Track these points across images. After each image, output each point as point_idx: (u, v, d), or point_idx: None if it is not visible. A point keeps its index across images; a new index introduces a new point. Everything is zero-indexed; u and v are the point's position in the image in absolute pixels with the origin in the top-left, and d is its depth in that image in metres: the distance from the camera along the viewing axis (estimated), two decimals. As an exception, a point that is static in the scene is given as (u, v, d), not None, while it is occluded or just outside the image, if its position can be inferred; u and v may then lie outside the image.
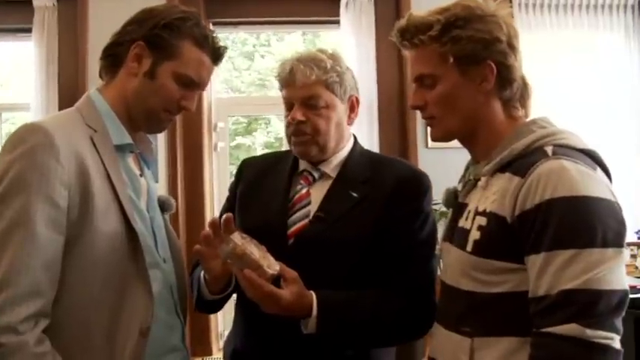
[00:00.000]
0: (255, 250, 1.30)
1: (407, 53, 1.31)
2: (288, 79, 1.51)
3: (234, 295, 1.55)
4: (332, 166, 1.55)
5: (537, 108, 1.31)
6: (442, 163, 2.60)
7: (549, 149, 1.14)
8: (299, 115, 1.49)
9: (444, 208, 1.47)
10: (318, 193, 1.53)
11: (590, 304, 1.02)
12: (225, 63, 1.44)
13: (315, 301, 1.35)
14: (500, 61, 1.22)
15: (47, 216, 1.15)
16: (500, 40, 1.21)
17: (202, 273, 1.47)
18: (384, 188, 1.49)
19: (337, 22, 3.43)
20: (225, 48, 1.41)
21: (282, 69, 1.54)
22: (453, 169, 1.59)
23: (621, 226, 1.08)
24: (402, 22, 1.27)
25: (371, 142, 3.28)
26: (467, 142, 1.31)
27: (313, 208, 1.50)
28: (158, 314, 1.28)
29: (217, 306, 1.54)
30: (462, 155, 1.39)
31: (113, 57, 1.36)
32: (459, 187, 1.35)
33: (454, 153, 1.47)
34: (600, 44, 3.55)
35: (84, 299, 1.20)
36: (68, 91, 3.22)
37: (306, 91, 1.49)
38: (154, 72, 1.32)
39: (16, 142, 1.19)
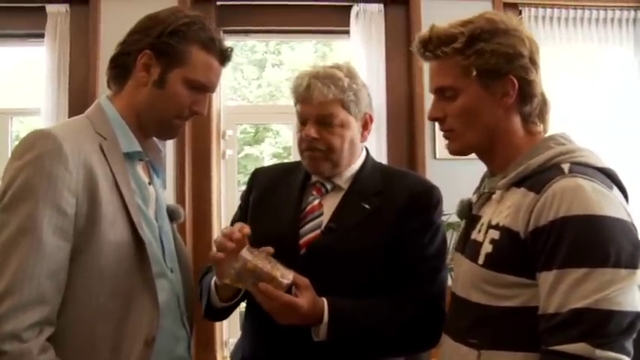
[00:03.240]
0: (266, 263, 1.30)
1: (424, 64, 1.30)
2: (305, 95, 1.50)
3: (243, 305, 1.55)
4: (344, 179, 1.56)
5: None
6: (451, 175, 2.59)
7: (566, 167, 1.13)
8: (313, 133, 1.49)
9: (452, 219, 1.47)
10: (330, 205, 1.54)
11: (600, 324, 1.01)
12: (234, 71, 1.45)
13: (327, 308, 1.36)
14: (522, 76, 1.22)
15: (54, 223, 1.15)
16: (522, 55, 1.21)
17: (213, 280, 1.47)
18: (396, 201, 1.50)
19: (347, 33, 3.43)
20: (232, 49, 1.41)
21: (298, 84, 1.53)
22: (461, 180, 1.59)
23: (635, 247, 1.07)
24: (425, 33, 1.27)
25: (379, 153, 3.27)
26: (484, 156, 1.30)
27: (325, 219, 1.51)
28: (164, 324, 1.28)
29: (225, 314, 1.54)
30: (470, 167, 1.39)
31: (121, 67, 1.36)
32: (474, 199, 1.34)
33: (462, 164, 1.47)
34: (610, 58, 3.53)
35: (89, 308, 1.20)
36: (79, 97, 3.23)
37: (322, 109, 1.49)
38: (163, 80, 1.32)
39: (25, 148, 1.19)
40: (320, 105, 1.49)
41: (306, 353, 1.40)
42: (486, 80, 1.22)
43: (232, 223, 1.66)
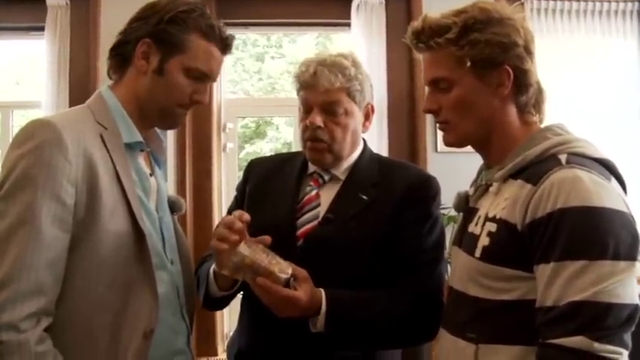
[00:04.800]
0: (264, 257, 1.29)
1: (420, 56, 1.29)
2: (311, 81, 1.49)
3: (239, 295, 1.54)
4: (342, 169, 1.56)
5: (548, 114, 1.29)
6: (452, 168, 2.58)
7: (563, 157, 1.12)
8: (318, 121, 1.48)
9: (452, 213, 1.46)
10: (327, 195, 1.53)
11: (598, 316, 1.00)
12: (234, 65, 1.44)
13: (324, 299, 1.35)
14: (517, 66, 1.20)
15: (53, 213, 1.15)
16: (517, 44, 1.20)
17: (212, 268, 1.47)
18: (393, 192, 1.50)
19: (348, 25, 3.42)
20: (233, 37, 1.39)
21: (303, 70, 1.52)
22: (462, 173, 1.59)
23: (634, 238, 1.05)
24: (417, 23, 1.25)
25: (380, 146, 3.27)
26: (480, 147, 1.29)
27: (322, 209, 1.51)
28: (163, 317, 1.27)
29: (224, 303, 1.54)
30: (471, 160, 1.38)
31: (121, 56, 1.35)
32: (471, 192, 1.33)
33: (464, 157, 1.46)
34: (613, 50, 3.52)
35: (88, 299, 1.19)
36: (79, 90, 3.24)
37: (328, 96, 1.48)
38: (162, 68, 1.31)
39: (25, 137, 1.18)
40: (326, 92, 1.48)
41: (304, 344, 1.40)
42: (481, 70, 1.20)
43: (229, 214, 1.66)
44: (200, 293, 1.51)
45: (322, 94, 1.48)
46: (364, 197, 1.50)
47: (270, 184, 1.59)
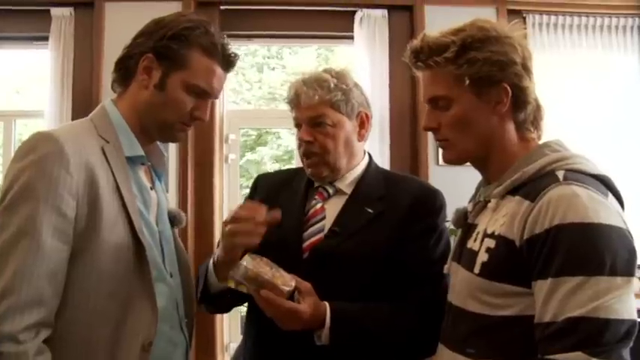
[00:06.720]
0: (268, 270, 1.30)
1: (419, 74, 1.30)
2: (295, 101, 1.56)
3: (244, 309, 1.54)
4: (347, 183, 1.57)
5: (550, 129, 1.30)
6: (453, 181, 2.57)
7: (561, 174, 1.12)
8: (306, 136, 1.52)
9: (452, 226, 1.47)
10: (332, 209, 1.54)
11: (596, 332, 1.00)
12: (235, 75, 1.44)
13: (329, 312, 1.36)
14: (515, 84, 1.21)
15: (54, 225, 1.15)
16: (515, 62, 1.21)
17: (212, 259, 1.46)
18: (399, 205, 1.51)
19: (351, 38, 3.44)
20: (237, 55, 1.40)
21: (288, 92, 1.58)
22: (463, 187, 1.59)
23: (632, 254, 1.06)
24: (416, 42, 1.26)
25: (382, 159, 3.27)
26: (479, 165, 1.30)
27: (328, 223, 1.52)
28: (162, 329, 1.28)
29: (222, 304, 1.51)
30: (473, 174, 1.38)
31: (125, 70, 1.36)
32: (469, 208, 1.34)
33: (465, 171, 1.46)
34: (614, 65, 3.52)
35: (87, 310, 1.20)
36: (82, 100, 3.24)
37: (312, 111, 1.52)
38: (163, 83, 1.32)
39: (27, 150, 1.20)
40: (309, 108, 1.53)
41: (308, 358, 1.40)
42: (479, 88, 1.21)
43: None
44: (198, 290, 1.49)
45: (306, 110, 1.53)
46: (370, 210, 1.51)
47: (277, 199, 1.59)
